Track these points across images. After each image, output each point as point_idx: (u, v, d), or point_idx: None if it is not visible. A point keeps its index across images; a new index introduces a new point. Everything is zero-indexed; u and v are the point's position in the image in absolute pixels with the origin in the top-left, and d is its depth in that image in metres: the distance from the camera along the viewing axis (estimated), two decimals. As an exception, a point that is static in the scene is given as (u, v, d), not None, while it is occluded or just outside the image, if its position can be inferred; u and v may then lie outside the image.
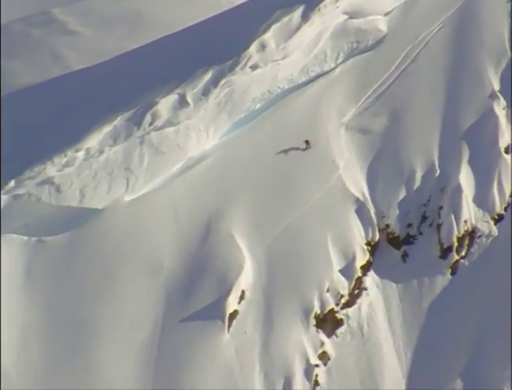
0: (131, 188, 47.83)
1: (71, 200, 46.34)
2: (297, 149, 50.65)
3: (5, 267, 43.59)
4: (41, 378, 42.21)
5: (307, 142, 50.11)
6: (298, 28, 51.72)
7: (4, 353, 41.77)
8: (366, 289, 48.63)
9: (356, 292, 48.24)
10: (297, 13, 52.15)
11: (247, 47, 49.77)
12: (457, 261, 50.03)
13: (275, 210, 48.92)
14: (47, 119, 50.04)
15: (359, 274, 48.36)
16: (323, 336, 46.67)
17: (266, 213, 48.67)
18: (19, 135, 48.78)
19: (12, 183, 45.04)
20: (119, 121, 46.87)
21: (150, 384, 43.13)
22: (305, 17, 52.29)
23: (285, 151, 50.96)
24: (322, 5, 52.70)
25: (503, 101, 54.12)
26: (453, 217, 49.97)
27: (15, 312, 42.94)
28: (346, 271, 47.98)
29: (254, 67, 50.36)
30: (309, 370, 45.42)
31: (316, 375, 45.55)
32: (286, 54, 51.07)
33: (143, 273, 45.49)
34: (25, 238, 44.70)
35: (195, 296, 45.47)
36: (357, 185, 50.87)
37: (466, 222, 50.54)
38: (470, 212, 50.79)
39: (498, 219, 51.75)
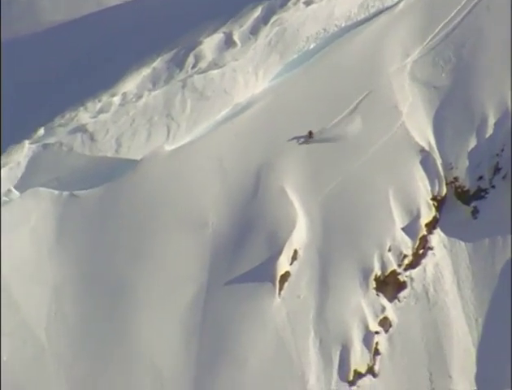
0: (172, 136, 44.64)
1: (107, 150, 43.43)
2: (300, 138, 45.71)
3: (34, 224, 41.25)
4: (74, 343, 39.85)
5: (310, 133, 45.48)
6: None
7: (34, 317, 39.64)
8: (431, 249, 44.88)
9: (421, 251, 44.64)
10: None
11: (300, -21, 45.07)
12: (533, 217, 44.90)
13: (331, 161, 45.30)
14: (79, 60, 46.58)
15: (424, 232, 44.66)
16: (383, 301, 43.19)
17: (322, 164, 45.06)
18: (48, 78, 45.54)
19: (41, 131, 42.22)
20: (158, 63, 44.26)
21: (194, 352, 40.27)
22: None
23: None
24: None
25: None
26: (529, 168, 44.84)
27: (46, 272, 40.65)
28: (410, 229, 44.21)
29: (308, 3, 46.77)
30: (368, 337, 41.97)
31: (376, 343, 42.13)
32: (343, -13, 46.25)
33: (185, 230, 42.49)
34: (56, 192, 42.15)
35: (242, 256, 42.36)
36: (423, 133, 46.85)
37: (544, 173, 45.02)
38: (547, 162, 45.25)
39: None
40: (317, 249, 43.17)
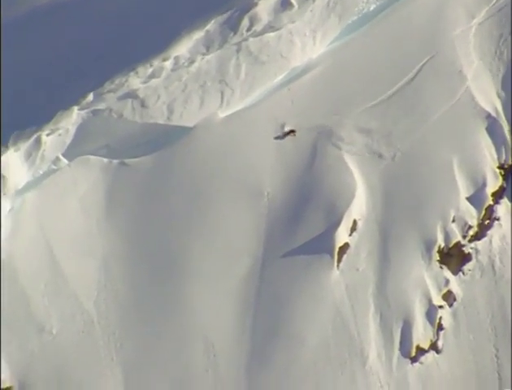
0: (226, 102, 42.66)
1: (158, 116, 41.59)
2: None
3: (83, 194, 39.86)
4: (124, 316, 38.75)
5: (292, 131, 42.66)
6: None
7: (83, 290, 38.56)
8: (498, 219, 42.89)
9: (486, 222, 42.72)
10: None
11: None
12: None
13: (393, 128, 43.16)
14: (130, 24, 44.28)
15: (490, 201, 42.81)
16: (447, 273, 41.31)
17: (383, 131, 43.01)
18: (97, 43, 43.29)
19: (91, 96, 40.71)
20: (212, 25, 42.33)
21: (248, 326, 38.98)
22: None
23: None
24: None
25: None
26: None
27: (95, 244, 39.40)
28: (475, 199, 42.41)
29: (369, -38, 43.48)
30: (431, 312, 40.39)
31: (440, 318, 40.56)
32: None
33: (240, 200, 40.93)
34: (105, 160, 40.68)
35: (299, 226, 40.56)
36: (489, 98, 44.40)
37: None
38: None
39: None
40: (377, 220, 41.26)
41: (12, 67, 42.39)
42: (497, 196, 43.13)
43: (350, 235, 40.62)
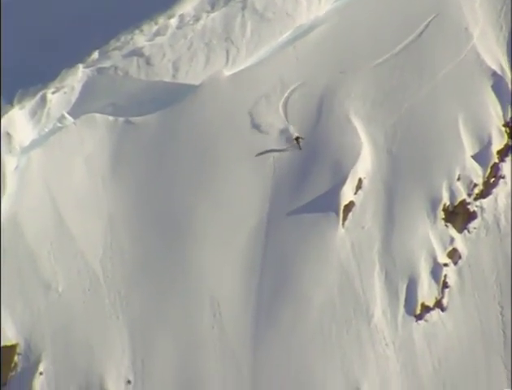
0: (231, 60, 41.09)
1: (163, 74, 40.16)
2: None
3: (89, 152, 38.57)
4: (131, 275, 37.50)
5: (297, 139, 40.24)
6: None
7: (89, 248, 37.39)
8: (503, 177, 41.07)
9: (492, 180, 40.96)
10: None
11: None
12: None
13: (399, 87, 41.29)
14: None
15: (496, 160, 40.99)
16: (453, 231, 39.62)
17: (389, 89, 41.16)
18: (103, 1, 42.07)
19: (96, 54, 39.62)
20: None
21: (255, 285, 37.60)
22: None
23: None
24: None
25: None
26: None
27: (101, 202, 38.16)
28: (480, 157, 40.63)
29: None
30: (436, 269, 38.79)
31: (445, 276, 38.89)
32: None
33: (246, 158, 39.42)
34: (111, 118, 39.33)
35: (305, 185, 39.12)
36: (494, 56, 42.45)
37: None
38: None
39: None
40: (382, 179, 39.68)
41: (18, 26, 41.53)
42: (503, 154, 41.28)
43: (356, 193, 39.12)
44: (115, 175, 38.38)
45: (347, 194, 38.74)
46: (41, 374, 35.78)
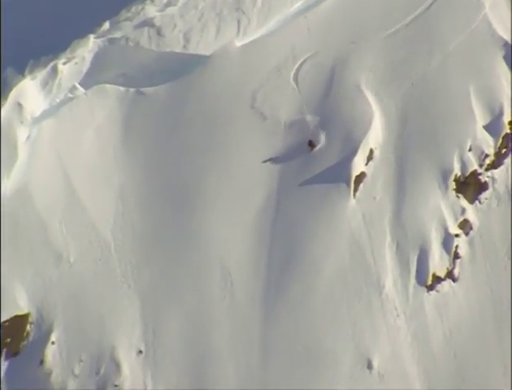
0: (242, 31, 39.58)
1: (174, 45, 38.70)
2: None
3: (99, 122, 37.51)
4: (142, 245, 36.61)
5: (311, 143, 38.82)
6: None
7: (100, 218, 36.52)
8: None
9: (503, 151, 39.72)
10: None
11: None
12: None
13: (410, 57, 40.05)
14: None
15: (507, 130, 39.59)
16: (464, 202, 38.61)
17: (400, 60, 39.87)
18: None
19: (107, 25, 38.24)
20: None
21: (265, 256, 36.68)
22: None
23: None
24: None
25: None
26: None
27: (112, 172, 37.17)
28: (492, 127, 39.26)
29: None
30: (448, 240, 37.65)
31: (456, 247, 37.81)
32: None
33: (256, 129, 38.34)
34: (122, 89, 38.03)
35: (316, 155, 38.02)
36: (507, 26, 40.83)
37: None
38: None
39: None
40: (394, 150, 38.61)
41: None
42: (514, 124, 39.95)
43: (367, 164, 38.08)
44: (126, 146, 37.43)
45: (358, 165, 37.67)
46: (52, 343, 35.14)
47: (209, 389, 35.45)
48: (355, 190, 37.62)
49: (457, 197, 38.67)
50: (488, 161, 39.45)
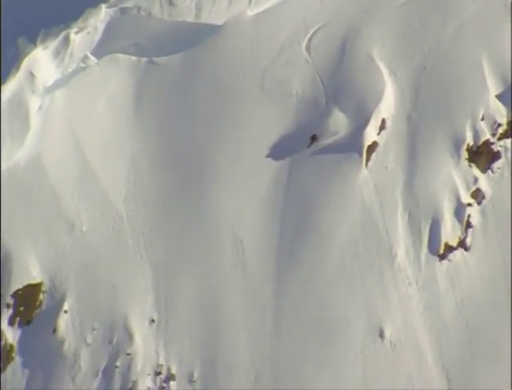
0: (254, 0, 38.93)
1: (186, 14, 38.40)
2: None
3: (112, 92, 37.12)
4: (154, 216, 36.12)
5: (314, 137, 37.67)
6: None
7: (112, 189, 36.20)
8: None
9: None
10: None
11: None
12: None
13: (423, 26, 38.87)
14: None
15: None
16: (476, 171, 37.32)
17: (412, 30, 38.82)
18: None
19: None
20: None
21: (277, 226, 35.84)
22: None
23: None
24: None
25: None
26: None
27: (124, 142, 36.80)
28: (505, 96, 37.87)
29: None
30: (460, 209, 36.48)
31: (468, 216, 36.54)
32: None
33: (269, 99, 37.54)
34: (134, 58, 37.74)
35: (328, 125, 37.07)
36: None
37: None
38: None
39: None
40: (406, 119, 37.58)
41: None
42: (528, 93, 38.75)
43: (379, 134, 37.08)
44: (138, 115, 36.98)
45: (370, 134, 36.71)
46: (65, 312, 34.79)
47: (221, 357, 34.77)
48: (367, 160, 36.69)
49: (470, 166, 37.50)
50: (500, 130, 38.11)
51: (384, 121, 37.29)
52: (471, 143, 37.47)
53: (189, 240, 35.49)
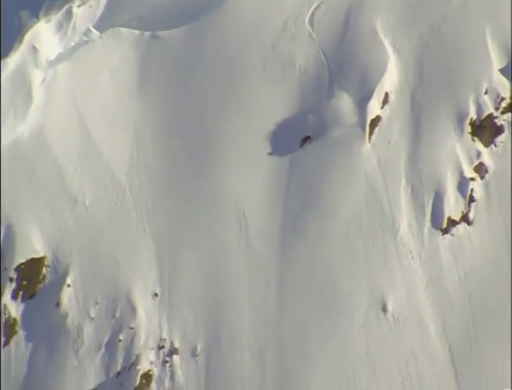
0: None
1: None
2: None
3: (115, 65, 36.53)
4: (156, 190, 35.60)
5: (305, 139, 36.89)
6: None
7: (116, 162, 35.63)
8: None
9: None
10: None
11: None
12: None
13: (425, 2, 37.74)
14: None
15: None
16: (479, 145, 36.33)
17: (416, 3, 37.80)
18: None
19: None
20: None
21: (281, 200, 35.22)
22: None
23: None
24: None
25: None
26: None
27: (127, 116, 36.20)
28: (508, 70, 36.95)
29: None
30: (463, 183, 35.68)
31: (471, 190, 35.75)
32: None
33: (272, 73, 36.76)
34: (137, 32, 37.13)
35: (332, 99, 36.24)
36: None
37: None
38: None
39: None
40: (409, 93, 36.74)
41: None
42: (531, 67, 37.89)
43: (382, 107, 36.30)
44: (141, 89, 36.36)
45: (374, 108, 35.97)
46: (68, 286, 34.31)
47: (224, 331, 34.14)
48: (370, 134, 35.85)
49: (473, 140, 36.51)
50: (503, 104, 37.07)
51: (387, 95, 36.37)
52: (474, 117, 36.54)
53: (192, 213, 34.86)
